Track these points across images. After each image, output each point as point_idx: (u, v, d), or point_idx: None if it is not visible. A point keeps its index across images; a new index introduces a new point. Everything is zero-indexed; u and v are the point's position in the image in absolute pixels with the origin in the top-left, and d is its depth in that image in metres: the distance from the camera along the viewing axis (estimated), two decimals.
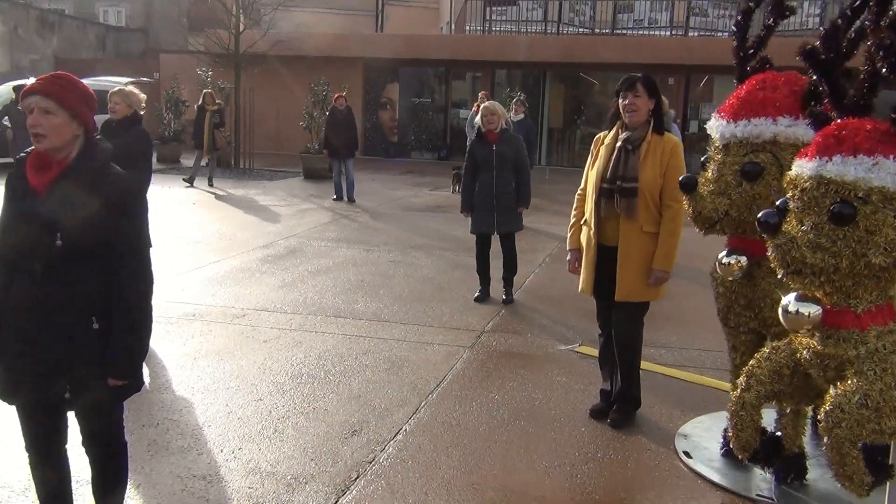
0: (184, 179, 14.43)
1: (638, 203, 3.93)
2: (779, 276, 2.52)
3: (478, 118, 6.68)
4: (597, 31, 23.62)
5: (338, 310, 6.37)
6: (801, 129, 3.16)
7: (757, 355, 2.81)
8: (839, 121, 2.47)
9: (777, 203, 2.55)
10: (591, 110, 23.57)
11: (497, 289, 6.81)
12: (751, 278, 3.41)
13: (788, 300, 2.56)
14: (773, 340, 3.44)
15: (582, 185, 4.30)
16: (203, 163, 14.49)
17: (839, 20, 2.69)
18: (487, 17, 23.56)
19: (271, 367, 5.03)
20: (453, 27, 29.74)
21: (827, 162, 2.39)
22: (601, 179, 4.04)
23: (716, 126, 3.36)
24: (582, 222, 4.22)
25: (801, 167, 2.46)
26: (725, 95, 3.70)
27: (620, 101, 4.03)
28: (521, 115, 11.40)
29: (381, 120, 23.26)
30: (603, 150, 4.12)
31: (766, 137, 3.18)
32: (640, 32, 23.13)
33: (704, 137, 3.73)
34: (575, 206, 4.32)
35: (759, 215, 2.42)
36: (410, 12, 38.61)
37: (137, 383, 2.57)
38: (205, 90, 15.26)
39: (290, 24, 21.05)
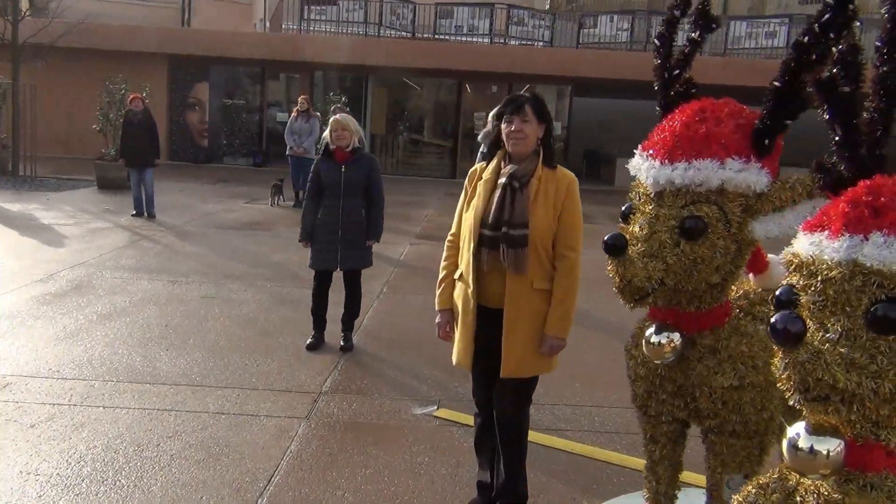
0: None
1: (528, 254, 3.10)
2: (790, 401, 1.77)
3: (326, 133, 5.64)
4: (418, 35, 23.05)
5: (134, 371, 5.08)
6: (752, 175, 2.45)
7: (737, 497, 2.04)
8: (867, 181, 1.76)
9: (779, 293, 1.79)
10: (415, 116, 23.00)
11: (333, 332, 5.80)
12: (682, 360, 2.68)
13: (798, 433, 1.82)
14: (712, 435, 2.74)
15: (454, 230, 3.41)
16: None
17: (856, 37, 1.97)
18: (305, 16, 22.27)
19: (38, 468, 3.72)
20: (268, 25, 28.12)
21: (862, 242, 1.65)
22: (481, 225, 3.17)
23: (645, 168, 2.57)
24: (456, 277, 3.33)
25: (821, 247, 1.71)
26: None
27: (504, 126, 3.18)
28: None
29: (189, 122, 21.32)
30: (481, 187, 3.25)
31: (712, 185, 2.44)
32: (461, 39, 22.81)
33: None
34: (445, 255, 3.42)
35: (778, 323, 1.64)
36: (220, 7, 36.35)
37: None
38: None
39: (81, 12, 18.68)
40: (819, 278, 1.71)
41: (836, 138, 1.87)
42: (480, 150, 7.34)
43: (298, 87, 21.62)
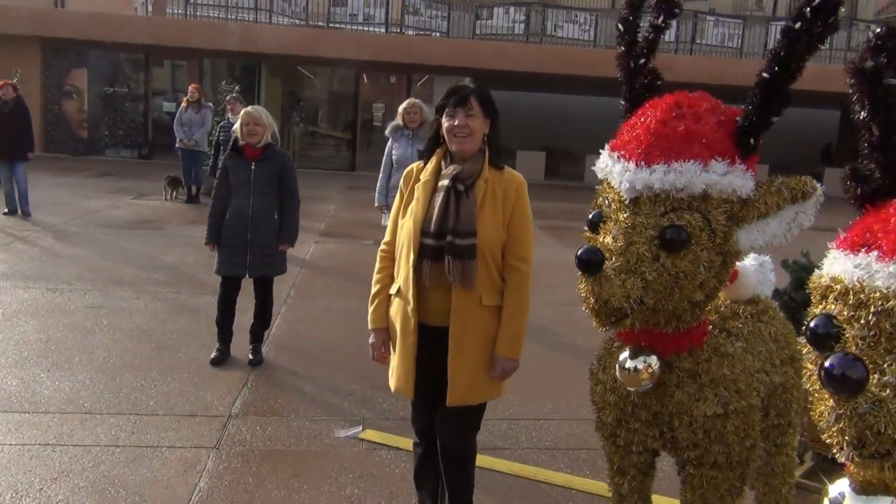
0: None
1: (477, 266, 2.76)
2: (840, 457, 1.50)
3: (236, 126, 5.10)
4: (311, 23, 22.31)
5: (10, 397, 4.44)
6: (738, 178, 2.18)
7: None
8: None
9: (814, 325, 1.51)
10: (311, 107, 22.29)
11: (240, 343, 5.30)
12: (659, 386, 2.40)
13: (842, 493, 1.55)
14: (690, 467, 2.48)
15: (387, 239, 3.02)
16: None
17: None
18: (191, 1, 21.14)
19: None
20: (150, 9, 26.62)
21: None
22: (422, 233, 2.80)
23: (617, 171, 2.26)
24: (392, 292, 2.95)
25: (870, 271, 1.44)
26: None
27: (446, 120, 2.82)
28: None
29: (66, 112, 19.88)
30: (419, 190, 2.88)
31: (695, 190, 2.16)
32: (356, 28, 22.23)
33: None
34: (378, 268, 3.03)
35: (836, 368, 1.35)
36: None
37: None
38: None
39: None
40: (871, 309, 1.44)
41: (873, 139, 1.61)
42: (390, 141, 6.97)
43: (186, 75, 20.52)
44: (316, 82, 21.96)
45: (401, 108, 6.78)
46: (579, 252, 2.14)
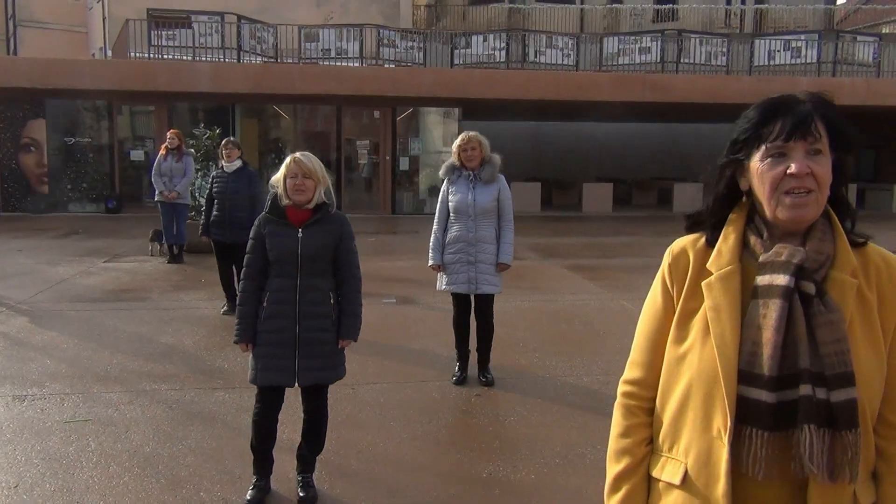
0: None
1: (861, 441, 1.45)
2: None
3: (275, 177, 3.72)
4: (281, 60, 21.06)
5: None
6: None
7: None
8: None
9: None
10: (289, 148, 20.91)
11: (284, 470, 3.91)
12: None
13: None
14: None
15: (638, 375, 1.71)
16: None
17: None
18: (154, 42, 19.78)
19: None
20: (109, 53, 25.21)
21: None
22: (741, 377, 1.49)
23: None
24: (666, 478, 1.62)
25: None
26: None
27: (765, 165, 1.53)
28: (238, 162, 8.20)
29: (24, 166, 18.31)
30: (719, 293, 1.56)
31: None
32: (330, 63, 21.02)
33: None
34: (623, 426, 1.71)
35: None
36: (50, 36, 32.89)
37: None
38: None
39: None
40: None
41: None
42: (445, 184, 5.58)
43: (154, 120, 19.09)
44: (294, 121, 20.63)
45: (455, 144, 5.45)
46: None
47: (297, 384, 3.69)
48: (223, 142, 8.09)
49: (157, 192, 10.79)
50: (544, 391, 5.53)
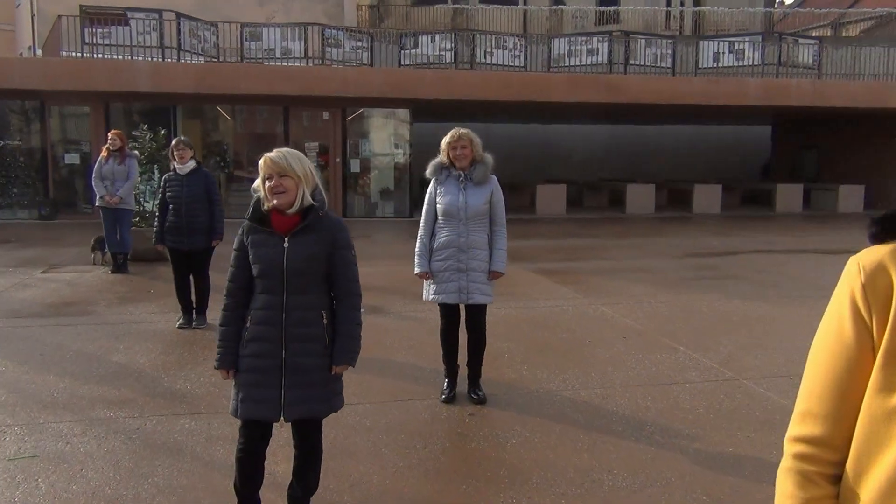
0: None
1: None
2: None
3: (256, 183, 3.24)
4: (223, 59, 20.27)
5: None
6: None
7: None
8: None
9: None
10: (234, 150, 20.14)
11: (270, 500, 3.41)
12: None
13: None
14: None
15: (817, 432, 1.29)
16: None
17: None
18: (88, 40, 18.78)
19: None
20: (39, 52, 23.93)
21: None
22: None
23: None
24: None
25: None
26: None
27: None
28: (192, 163, 7.56)
29: None
30: None
31: None
32: (273, 63, 20.33)
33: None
34: (800, 498, 1.30)
35: None
36: None
37: None
38: None
39: None
40: None
41: None
42: (432, 184, 5.13)
43: (90, 122, 18.12)
44: (238, 123, 19.88)
45: (444, 142, 5.01)
46: None
47: (283, 418, 3.19)
48: (174, 142, 7.47)
49: (97, 197, 10.06)
50: (541, 408, 5.14)
